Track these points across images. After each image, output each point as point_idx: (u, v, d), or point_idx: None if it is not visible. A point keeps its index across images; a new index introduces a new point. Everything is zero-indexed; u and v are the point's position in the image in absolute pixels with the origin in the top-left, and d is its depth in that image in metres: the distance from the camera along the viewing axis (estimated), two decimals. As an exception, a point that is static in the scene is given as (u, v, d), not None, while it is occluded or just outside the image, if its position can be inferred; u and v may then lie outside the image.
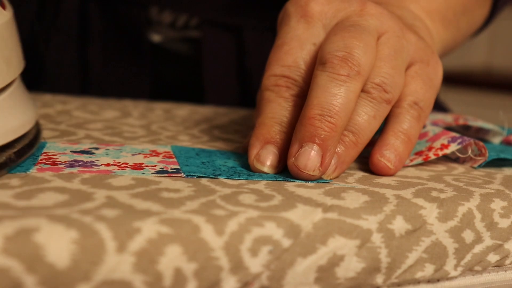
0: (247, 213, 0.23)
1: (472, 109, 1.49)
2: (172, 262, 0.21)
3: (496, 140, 0.41)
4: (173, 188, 0.25)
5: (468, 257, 0.27)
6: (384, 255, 0.25)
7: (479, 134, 0.41)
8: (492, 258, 0.28)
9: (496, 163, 0.36)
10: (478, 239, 0.27)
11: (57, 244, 0.19)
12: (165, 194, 0.24)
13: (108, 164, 0.29)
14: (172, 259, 0.21)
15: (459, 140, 0.34)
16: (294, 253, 0.23)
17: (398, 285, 0.26)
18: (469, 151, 0.35)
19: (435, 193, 0.28)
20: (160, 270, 0.21)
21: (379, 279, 0.25)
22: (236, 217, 0.23)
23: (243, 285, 0.22)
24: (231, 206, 0.24)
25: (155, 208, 0.22)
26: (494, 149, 0.37)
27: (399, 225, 0.25)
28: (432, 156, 0.33)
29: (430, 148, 0.34)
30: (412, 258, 0.25)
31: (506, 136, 0.41)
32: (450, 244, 0.26)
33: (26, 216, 0.20)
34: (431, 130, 0.36)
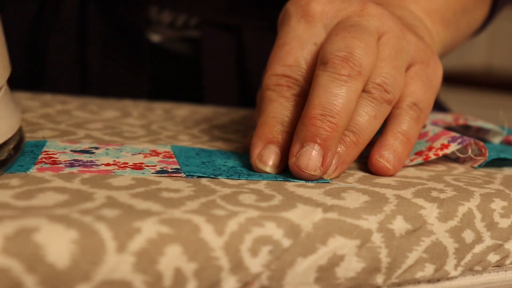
0: (247, 213, 0.23)
1: (472, 109, 1.49)
2: (172, 262, 0.21)
3: (496, 140, 0.41)
4: (173, 188, 0.25)
5: (468, 257, 0.27)
6: (384, 255, 0.25)
7: (479, 134, 0.41)
8: (492, 258, 0.28)
9: (496, 163, 0.36)
10: (478, 239, 0.27)
11: (57, 244, 0.19)
12: (165, 194, 0.24)
13: (108, 164, 0.29)
14: (172, 259, 0.21)
15: (459, 140, 0.34)
16: (294, 253, 0.23)
17: (398, 285, 0.26)
18: (469, 151, 0.35)
19: (435, 193, 0.28)
20: (160, 270, 0.21)
21: (379, 279, 0.25)
22: (236, 217, 0.23)
23: (243, 285, 0.22)
24: (231, 206, 0.24)
25: (155, 208, 0.22)
26: (494, 149, 0.37)
27: (399, 225, 0.25)
28: (432, 156, 0.33)
29: (430, 148, 0.34)
30: (412, 258, 0.25)
31: (506, 136, 0.41)
32: (450, 244, 0.26)
33: (26, 216, 0.20)
34: (431, 130, 0.36)
